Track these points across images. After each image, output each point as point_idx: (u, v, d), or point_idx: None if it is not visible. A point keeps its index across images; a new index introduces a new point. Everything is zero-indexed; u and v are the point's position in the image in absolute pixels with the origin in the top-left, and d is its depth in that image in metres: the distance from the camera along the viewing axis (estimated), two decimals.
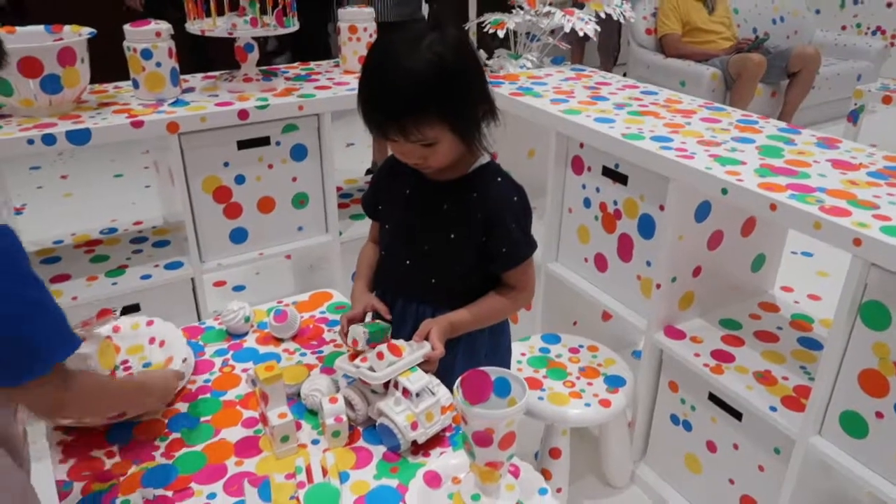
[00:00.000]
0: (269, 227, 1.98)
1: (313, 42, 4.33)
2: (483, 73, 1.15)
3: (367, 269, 1.34)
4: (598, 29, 2.27)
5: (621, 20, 2.34)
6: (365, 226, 2.14)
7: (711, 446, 1.59)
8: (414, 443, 1.08)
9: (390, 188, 1.27)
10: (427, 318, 1.20)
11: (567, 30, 2.23)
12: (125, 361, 1.25)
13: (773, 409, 1.38)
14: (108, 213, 2.77)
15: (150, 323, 1.33)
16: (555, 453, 1.62)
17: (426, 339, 1.15)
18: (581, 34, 2.23)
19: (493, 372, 0.97)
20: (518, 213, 1.19)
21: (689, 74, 4.11)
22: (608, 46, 4.97)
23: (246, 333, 1.40)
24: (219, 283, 2.62)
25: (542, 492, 1.01)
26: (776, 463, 1.43)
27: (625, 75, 3.22)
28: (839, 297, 1.20)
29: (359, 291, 1.30)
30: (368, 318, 1.25)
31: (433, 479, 1.03)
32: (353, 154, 3.91)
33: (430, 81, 1.05)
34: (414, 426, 1.06)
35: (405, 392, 1.07)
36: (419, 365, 1.11)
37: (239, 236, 1.95)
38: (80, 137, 1.61)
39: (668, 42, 4.25)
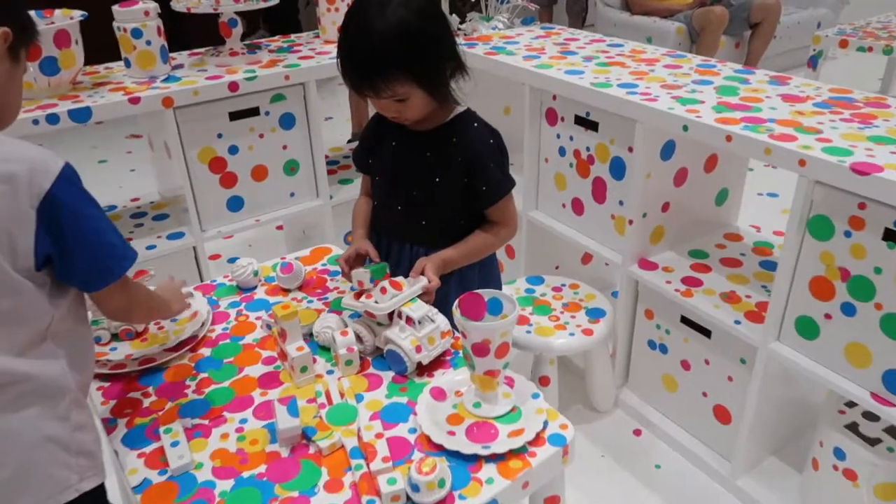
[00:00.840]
0: (264, 195, 2.09)
1: (285, 17, 4.39)
2: (450, 33, 1.27)
3: (362, 220, 1.47)
4: None
5: None
6: (353, 190, 2.28)
7: (685, 365, 1.74)
8: (419, 364, 1.21)
9: (378, 143, 1.39)
10: (419, 256, 1.33)
11: None
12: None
13: (738, 322, 1.53)
14: (97, 197, 2.85)
15: None
16: (544, 381, 1.76)
17: (422, 274, 1.28)
18: None
19: (486, 293, 1.11)
20: (495, 154, 1.32)
21: (655, 30, 4.23)
22: (576, 7, 5.06)
23: (255, 287, 1.51)
24: (214, 257, 2.72)
25: (535, 396, 1.15)
26: (743, 372, 1.58)
27: None
28: (789, 214, 1.34)
29: (355, 238, 1.43)
30: (368, 261, 1.38)
31: (439, 394, 1.16)
32: (331, 127, 4.00)
33: (396, 42, 1.17)
34: (418, 349, 1.19)
35: (408, 320, 1.20)
36: (418, 297, 1.25)
37: (235, 204, 2.05)
38: (81, 115, 1.70)
39: (633, 0, 4.37)
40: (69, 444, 0.91)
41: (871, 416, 1.48)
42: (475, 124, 1.32)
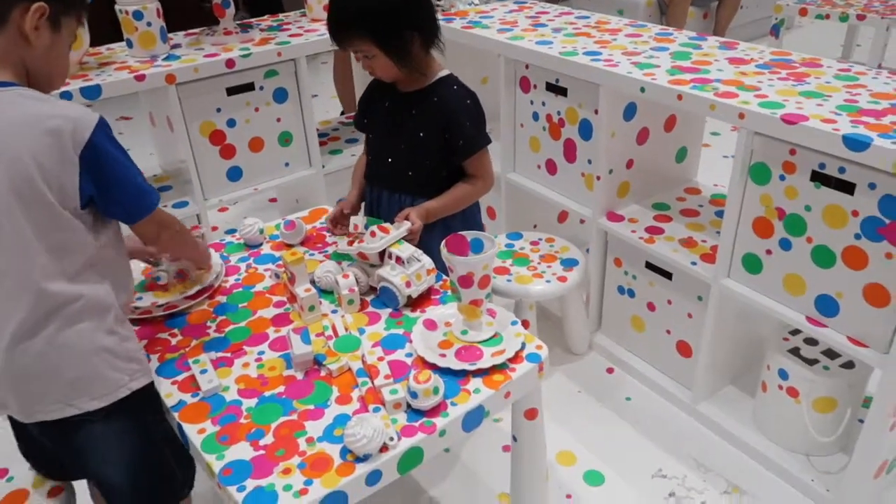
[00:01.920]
0: (261, 165, 2.24)
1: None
2: (415, 5, 1.45)
3: (357, 178, 1.67)
4: None
5: None
6: (343, 159, 2.45)
7: (651, 306, 1.93)
8: (409, 298, 1.39)
9: (373, 104, 1.58)
10: (406, 204, 1.54)
11: None
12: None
13: (694, 263, 1.72)
14: None
15: None
16: (524, 325, 1.93)
17: (406, 219, 1.46)
18: None
19: (469, 234, 1.28)
20: (471, 113, 1.51)
21: (626, 3, 4.39)
22: None
23: (261, 244, 1.67)
24: (213, 229, 2.86)
25: (514, 323, 1.33)
26: (700, 308, 1.78)
27: None
28: (733, 163, 1.53)
29: (348, 197, 1.64)
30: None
31: (430, 325, 1.34)
32: (318, 104, 4.12)
33: (356, 9, 1.41)
34: (408, 285, 1.37)
35: (398, 259, 1.39)
36: (404, 239, 1.43)
37: (235, 174, 2.20)
38: (92, 93, 1.84)
39: None
40: (118, 351, 1.09)
41: (810, 341, 1.68)
42: (455, 87, 1.52)
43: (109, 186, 1.04)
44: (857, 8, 3.59)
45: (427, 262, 1.42)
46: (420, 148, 1.53)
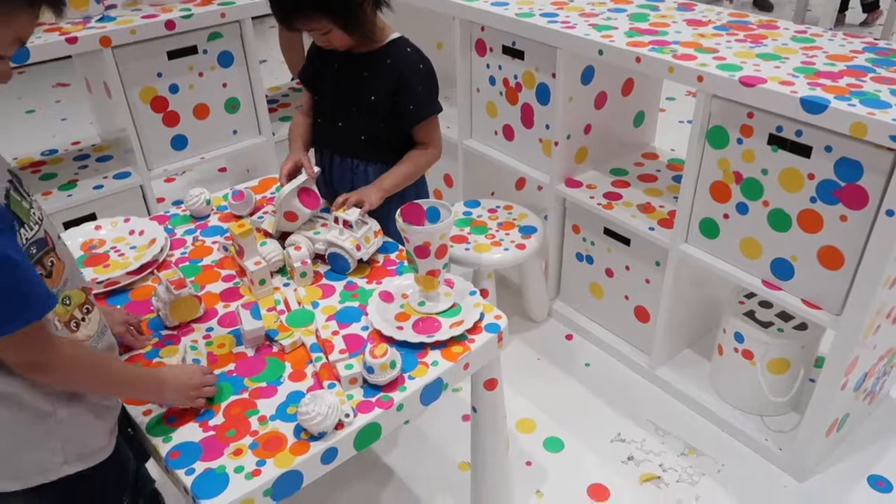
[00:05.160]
0: (207, 133, 2.14)
1: None
2: None
3: (298, 134, 1.57)
4: None
5: None
6: None
7: (609, 272, 1.93)
8: (360, 261, 1.35)
9: (322, 65, 1.50)
10: (360, 170, 1.50)
11: None
12: (115, 249, 1.44)
13: (652, 229, 1.71)
14: (31, 147, 2.83)
15: (126, 220, 1.53)
16: (483, 294, 1.90)
17: (359, 205, 1.41)
18: None
19: (425, 203, 1.24)
20: (424, 78, 1.45)
21: None
22: None
23: (208, 215, 1.60)
24: (159, 200, 2.75)
25: (472, 293, 1.30)
26: (658, 274, 1.78)
27: None
28: (691, 127, 1.51)
29: (293, 150, 1.53)
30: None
31: (387, 297, 1.30)
32: (265, 69, 3.97)
33: None
34: (358, 248, 1.33)
35: (345, 223, 1.35)
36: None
37: (179, 143, 2.10)
38: (19, 57, 1.71)
39: None
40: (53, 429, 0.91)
41: (765, 305, 1.70)
42: (408, 49, 1.45)
43: None
44: None
45: (374, 224, 1.40)
46: (371, 112, 1.46)
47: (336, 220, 1.37)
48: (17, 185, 0.89)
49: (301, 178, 1.42)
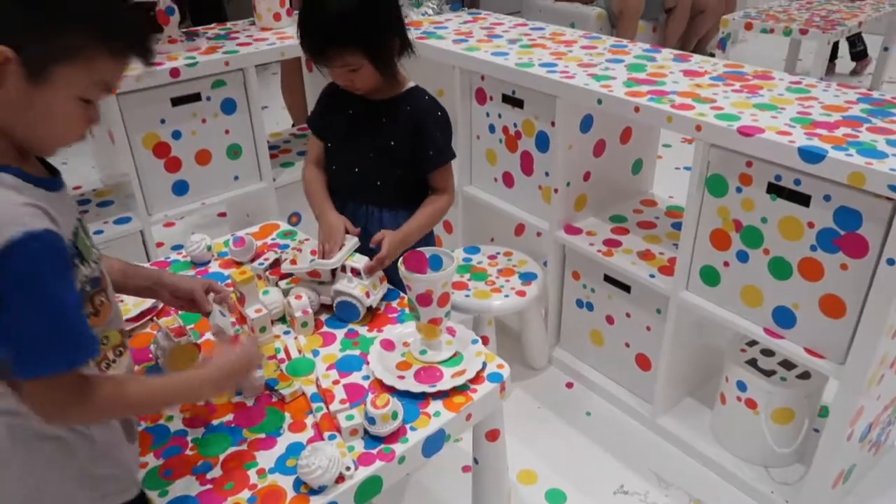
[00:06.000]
0: (208, 178, 2.15)
1: (209, 7, 4.41)
2: (398, 11, 1.42)
3: (321, 192, 1.54)
4: None
5: None
6: (295, 172, 2.37)
7: (610, 319, 1.92)
8: (368, 309, 1.34)
9: (334, 111, 1.52)
10: (374, 216, 1.51)
11: None
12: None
13: (652, 276, 1.71)
14: None
15: None
16: (484, 341, 1.87)
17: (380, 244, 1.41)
18: None
19: (428, 251, 1.24)
20: (442, 124, 1.49)
21: (578, 16, 4.43)
22: None
23: (209, 261, 1.60)
24: (158, 244, 2.75)
25: (474, 342, 1.29)
26: (659, 321, 1.77)
27: None
28: (690, 175, 1.52)
29: (328, 214, 1.48)
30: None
31: (388, 345, 1.29)
32: (267, 115, 4.02)
33: (349, 18, 1.32)
34: (367, 295, 1.33)
35: (353, 271, 1.34)
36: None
37: (181, 188, 2.11)
38: None
39: None
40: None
41: (767, 353, 1.69)
42: (426, 97, 1.49)
43: None
44: (799, 23, 3.69)
45: (379, 271, 1.39)
46: (390, 157, 1.48)
47: (344, 267, 1.36)
48: (83, 223, 0.91)
49: (353, 242, 1.40)
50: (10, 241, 0.72)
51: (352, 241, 1.40)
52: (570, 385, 2.06)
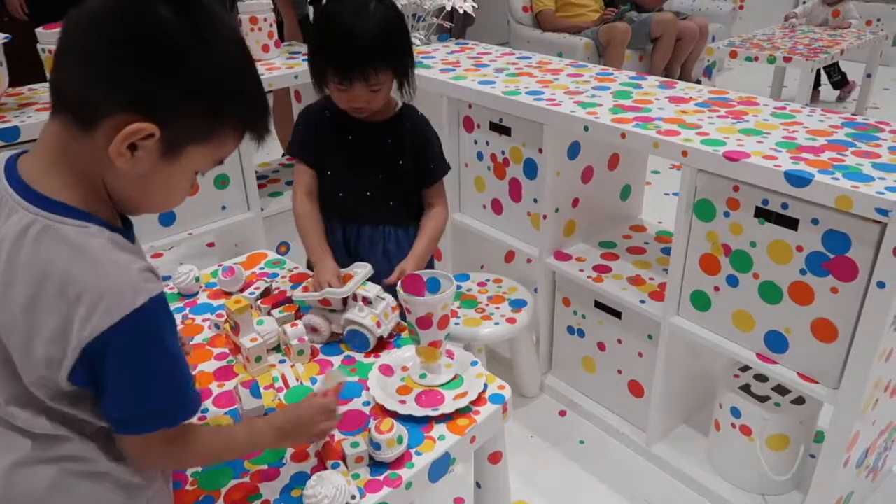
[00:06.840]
0: (196, 209, 2.14)
1: None
2: (409, 31, 1.47)
3: (318, 227, 1.51)
4: (476, 5, 2.53)
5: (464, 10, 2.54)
6: (283, 201, 2.36)
7: (601, 346, 1.90)
8: (380, 339, 1.31)
9: (327, 138, 1.51)
10: (391, 236, 1.55)
11: (448, 9, 2.48)
12: None
13: (643, 302, 1.70)
14: None
15: None
16: None
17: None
18: (461, 12, 2.50)
19: (426, 274, 1.23)
20: (436, 138, 1.54)
21: (565, 46, 4.48)
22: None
23: (197, 293, 1.57)
24: None
25: (474, 363, 1.27)
26: (651, 347, 1.75)
27: None
28: (678, 200, 1.52)
29: (325, 256, 1.45)
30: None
31: (387, 370, 1.26)
32: (254, 144, 4.04)
33: (382, 36, 1.35)
34: (378, 325, 1.31)
35: (364, 300, 1.32)
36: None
37: (168, 219, 2.09)
38: (9, 135, 1.72)
39: (543, 18, 4.62)
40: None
41: (760, 378, 1.67)
42: (419, 113, 1.53)
43: (110, 389, 0.78)
44: (783, 51, 3.75)
45: (390, 299, 1.36)
46: (399, 176, 1.51)
47: (355, 296, 1.34)
48: None
49: (366, 271, 1.38)
50: (141, 308, 0.74)
51: (364, 270, 1.39)
52: (562, 413, 2.04)
